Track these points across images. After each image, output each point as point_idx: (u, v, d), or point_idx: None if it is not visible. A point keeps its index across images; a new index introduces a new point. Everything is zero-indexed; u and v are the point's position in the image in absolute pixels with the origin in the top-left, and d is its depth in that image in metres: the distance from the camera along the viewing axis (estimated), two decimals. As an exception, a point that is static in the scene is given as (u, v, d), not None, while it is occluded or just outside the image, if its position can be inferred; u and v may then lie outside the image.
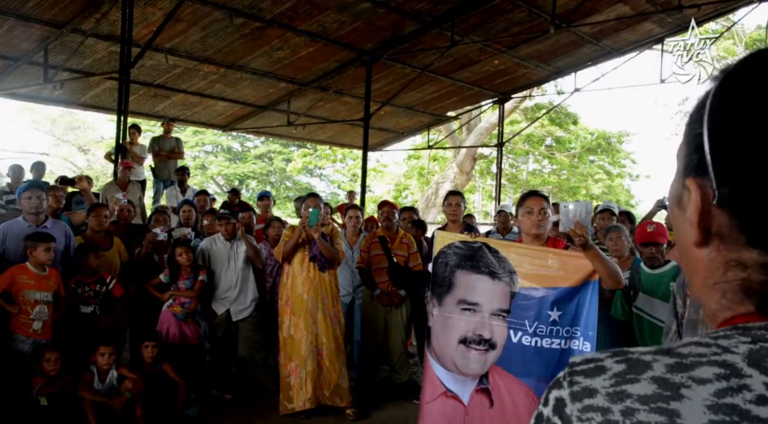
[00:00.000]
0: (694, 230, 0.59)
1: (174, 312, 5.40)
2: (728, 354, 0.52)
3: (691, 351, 0.54)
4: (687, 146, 0.61)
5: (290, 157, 25.26)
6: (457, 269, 3.55)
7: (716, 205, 0.57)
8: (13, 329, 4.61)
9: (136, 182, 8.58)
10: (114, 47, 9.36)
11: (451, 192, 5.93)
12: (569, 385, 0.56)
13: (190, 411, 4.96)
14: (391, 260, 5.78)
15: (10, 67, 9.96)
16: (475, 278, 3.49)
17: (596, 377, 0.55)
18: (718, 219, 0.57)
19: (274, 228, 6.33)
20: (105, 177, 18.81)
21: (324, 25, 10.10)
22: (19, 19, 8.64)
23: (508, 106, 16.01)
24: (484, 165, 22.05)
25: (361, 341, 5.98)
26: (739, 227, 0.56)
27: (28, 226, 5.09)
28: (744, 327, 0.55)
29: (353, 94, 12.96)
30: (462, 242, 3.62)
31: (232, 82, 11.79)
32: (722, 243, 0.58)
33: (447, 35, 10.62)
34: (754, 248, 0.55)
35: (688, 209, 0.60)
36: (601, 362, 0.56)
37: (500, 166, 15.60)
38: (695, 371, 0.52)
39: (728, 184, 0.56)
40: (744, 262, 0.56)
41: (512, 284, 3.42)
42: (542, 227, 3.38)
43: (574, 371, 0.57)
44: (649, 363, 0.54)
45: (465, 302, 3.48)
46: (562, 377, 0.58)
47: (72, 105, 12.19)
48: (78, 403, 4.41)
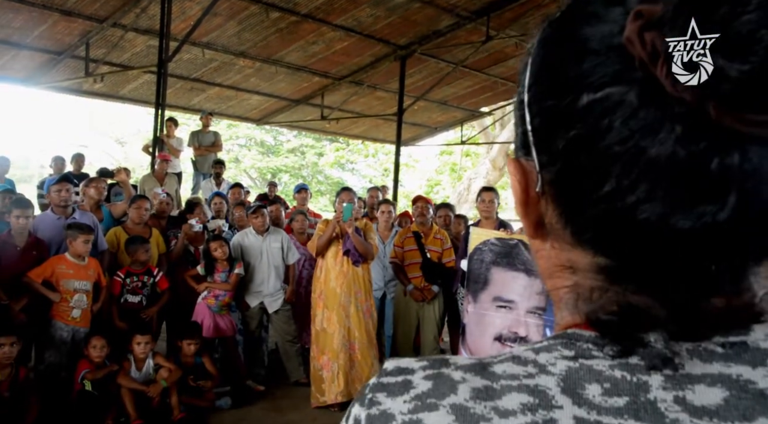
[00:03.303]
0: (523, 222, 0.49)
1: (208, 304, 5.48)
2: (543, 376, 0.43)
3: (505, 370, 0.44)
4: (514, 119, 0.49)
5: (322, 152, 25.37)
6: (493, 265, 3.53)
7: (540, 193, 0.46)
8: (54, 316, 4.74)
9: (172, 175, 8.71)
10: (152, 41, 9.50)
11: (484, 188, 5.88)
12: (369, 404, 0.47)
13: (222, 402, 5.03)
14: (425, 255, 5.77)
15: (53, 61, 10.19)
16: (511, 276, 3.47)
17: (398, 396, 0.45)
18: (548, 209, 0.47)
19: (297, 221, 6.34)
20: (141, 169, 19.15)
21: (359, 20, 10.11)
22: (62, 14, 8.83)
23: (543, 102, 15.82)
24: (518, 161, 21.84)
25: (392, 336, 5.99)
26: (562, 220, 0.45)
27: (57, 218, 5.22)
28: (571, 336, 0.45)
29: (387, 88, 12.95)
30: (498, 238, 3.60)
31: (267, 76, 11.88)
32: (555, 239, 0.47)
33: (482, 30, 10.54)
34: (581, 246, 0.45)
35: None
36: (411, 374, 0.47)
37: (534, 163, 15.43)
38: (501, 400, 0.42)
39: (551, 164, 0.44)
40: (573, 264, 0.46)
41: (548, 282, 3.38)
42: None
43: (380, 383, 0.47)
44: (455, 384, 0.44)
45: (500, 299, 3.46)
46: (367, 388, 0.48)
47: (111, 98, 12.42)
48: (117, 390, 4.50)
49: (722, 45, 0.37)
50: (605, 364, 0.42)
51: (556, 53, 0.44)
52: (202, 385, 4.94)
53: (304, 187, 7.91)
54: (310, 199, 8.06)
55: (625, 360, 0.42)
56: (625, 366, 0.42)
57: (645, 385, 0.41)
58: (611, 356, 0.42)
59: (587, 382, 0.42)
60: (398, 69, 11.64)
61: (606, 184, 0.41)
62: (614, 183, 0.40)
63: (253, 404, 5.14)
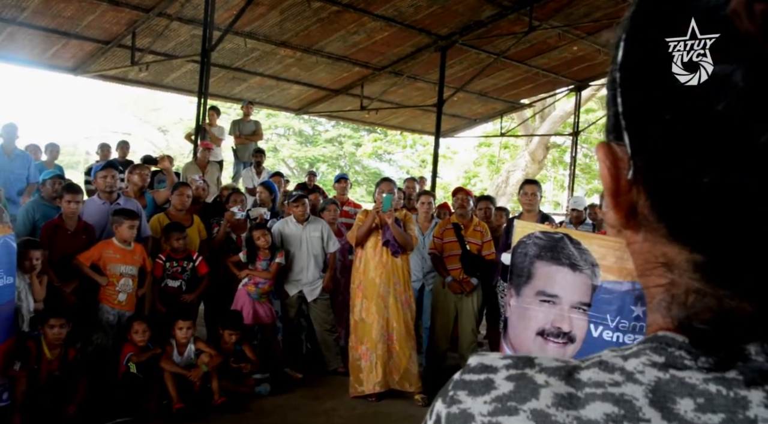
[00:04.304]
0: (613, 212, 0.46)
1: (248, 291, 5.54)
2: (629, 384, 0.40)
3: (591, 377, 0.42)
4: (606, 99, 0.46)
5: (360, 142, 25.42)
6: (537, 259, 3.49)
7: (632, 181, 0.43)
8: (101, 299, 4.86)
9: (214, 163, 8.82)
10: (196, 31, 9.62)
11: (527, 181, 5.81)
12: (450, 402, 0.45)
13: (261, 388, 5.09)
14: (464, 247, 5.73)
15: (100, 50, 10.42)
16: (555, 270, 3.42)
17: (479, 396, 0.44)
18: (640, 199, 0.43)
19: (329, 211, 6.34)
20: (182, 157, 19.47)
21: (400, 10, 10.06)
22: (110, 4, 9.00)
23: (585, 94, 15.57)
24: (557, 154, 21.57)
25: (430, 328, 5.98)
26: (656, 211, 0.42)
27: (102, 203, 5.35)
28: (662, 340, 0.42)
29: (427, 79, 12.89)
30: (542, 232, 3.56)
31: (308, 65, 11.93)
32: (648, 232, 0.43)
33: (525, 20, 10.40)
34: (678, 241, 0.41)
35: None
36: (494, 373, 0.45)
37: (574, 156, 15.22)
38: (585, 410, 0.40)
39: (645, 149, 0.41)
40: (669, 260, 0.42)
41: (594, 277, 3.33)
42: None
43: (462, 380, 0.46)
44: (537, 388, 0.42)
45: (544, 294, 3.42)
46: (450, 385, 0.47)
47: (155, 87, 12.65)
48: (160, 373, 4.60)
49: None
50: (699, 377, 0.39)
51: (652, 28, 0.41)
52: (243, 367, 5.01)
53: (344, 177, 7.92)
54: (349, 189, 8.07)
55: (721, 374, 0.39)
56: (721, 380, 0.39)
57: (743, 401, 0.38)
58: (706, 369, 0.40)
59: (679, 395, 0.39)
60: (438, 60, 11.57)
61: (707, 172, 0.38)
62: (717, 172, 0.37)
63: (292, 391, 5.19)
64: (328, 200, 6.72)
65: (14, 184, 6.58)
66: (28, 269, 4.35)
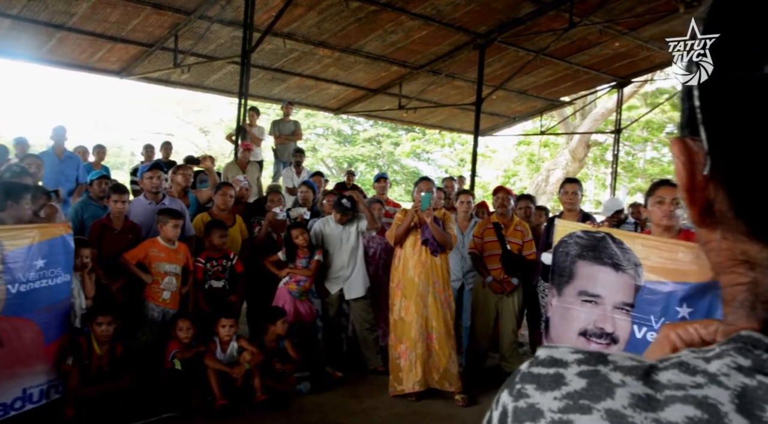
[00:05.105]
0: (688, 209, 0.45)
1: (290, 290, 5.60)
2: (713, 387, 0.39)
3: (671, 379, 0.40)
4: (680, 93, 0.45)
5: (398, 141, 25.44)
6: (579, 259, 3.44)
7: (708, 177, 0.41)
8: (146, 297, 4.98)
9: (254, 163, 8.94)
10: (236, 32, 9.76)
11: (567, 179, 5.74)
12: (517, 396, 0.44)
13: (302, 386, 5.14)
14: (505, 247, 5.69)
15: (144, 53, 10.66)
16: (597, 269, 3.37)
17: (548, 391, 0.42)
18: (718, 195, 0.42)
19: (374, 210, 6.37)
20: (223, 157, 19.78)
21: (438, 8, 10.03)
22: (154, 8, 9.21)
23: (627, 91, 15.27)
24: (598, 152, 21.22)
25: (470, 328, 5.95)
26: (735, 208, 0.41)
27: (148, 203, 5.47)
28: (747, 341, 0.40)
29: (465, 78, 12.82)
30: (584, 231, 3.51)
31: (346, 65, 11.99)
32: (727, 230, 0.42)
33: (565, 17, 10.24)
34: (759, 238, 0.40)
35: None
36: (564, 367, 0.43)
37: (616, 154, 14.94)
38: (664, 412, 0.38)
39: (723, 144, 0.40)
40: (750, 257, 0.41)
41: (637, 277, 3.27)
42: (674, 218, 3.21)
43: (530, 373, 0.44)
44: (613, 387, 0.41)
45: (586, 294, 3.37)
46: (518, 377, 0.46)
47: (197, 88, 12.88)
48: (203, 370, 4.68)
49: None
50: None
51: (734, 19, 0.40)
52: (285, 368, 5.07)
53: (384, 176, 7.93)
54: (389, 188, 8.08)
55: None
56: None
57: None
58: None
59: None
60: (477, 58, 11.49)
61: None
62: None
63: (332, 389, 5.22)
64: (372, 199, 6.75)
65: (65, 184, 6.79)
66: (79, 266, 4.49)
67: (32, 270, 3.96)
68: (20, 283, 3.89)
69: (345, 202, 5.71)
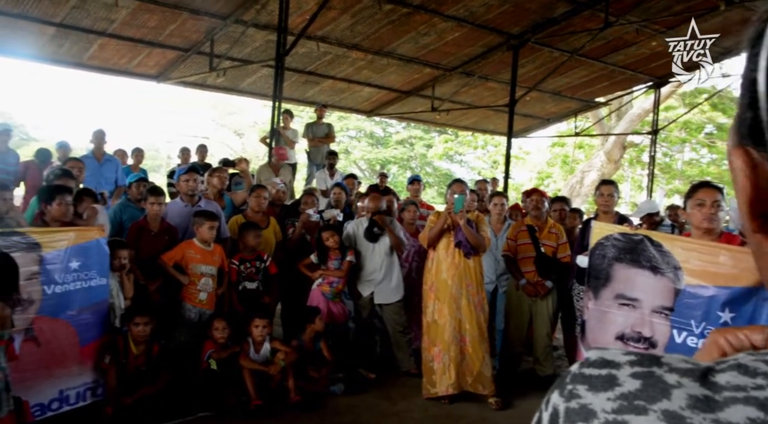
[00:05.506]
0: (746, 218, 0.44)
1: (323, 291, 5.64)
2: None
3: (729, 381, 0.40)
4: (740, 99, 0.43)
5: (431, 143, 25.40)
6: (616, 261, 3.39)
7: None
8: (183, 298, 5.06)
9: (287, 165, 9.02)
10: (271, 36, 9.88)
11: (603, 181, 5.66)
12: (568, 396, 0.44)
13: (335, 388, 5.16)
14: (539, 249, 5.63)
15: (181, 58, 10.85)
16: (635, 272, 3.32)
17: (601, 392, 0.42)
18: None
19: (409, 212, 6.36)
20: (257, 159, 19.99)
21: (471, 9, 9.99)
22: (191, 13, 9.36)
23: (664, 91, 14.98)
24: (635, 154, 20.88)
25: (504, 331, 5.90)
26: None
27: (184, 205, 5.56)
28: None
29: (498, 79, 12.74)
30: (621, 234, 3.45)
31: (379, 68, 12.02)
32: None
33: (600, 16, 10.10)
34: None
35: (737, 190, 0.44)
36: (617, 369, 0.44)
37: (653, 155, 14.66)
38: (724, 413, 0.38)
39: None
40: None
41: (677, 281, 3.20)
42: (715, 220, 3.14)
43: (581, 374, 0.45)
44: (668, 388, 0.41)
45: (623, 297, 3.31)
46: (568, 378, 0.45)
47: (232, 91, 13.05)
48: (238, 370, 4.74)
49: None
50: None
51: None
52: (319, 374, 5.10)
53: (417, 178, 7.92)
54: (422, 190, 8.07)
55: None
56: None
57: None
58: None
59: None
60: (510, 59, 11.42)
61: None
62: None
63: (365, 391, 5.23)
64: (408, 201, 6.75)
65: (104, 187, 6.92)
66: (117, 267, 4.58)
67: (67, 272, 4.04)
68: (56, 284, 3.98)
69: (376, 230, 5.74)
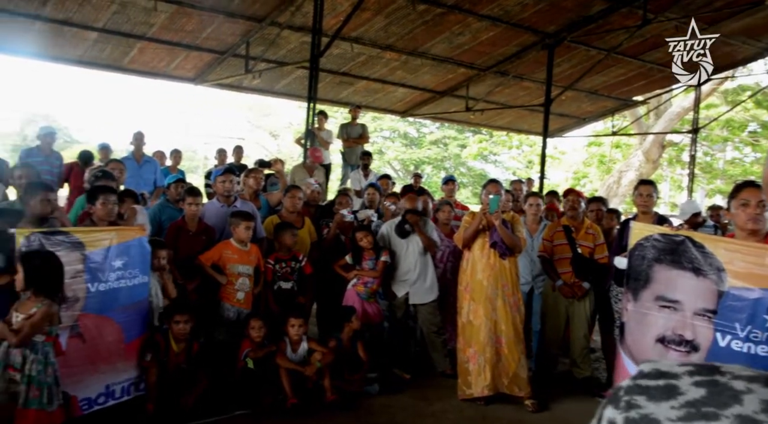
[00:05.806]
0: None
1: (358, 291, 5.66)
2: None
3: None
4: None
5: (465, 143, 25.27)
6: (656, 263, 3.32)
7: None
8: (222, 298, 5.13)
9: (320, 166, 9.08)
10: (305, 38, 9.95)
11: (642, 181, 5.55)
12: (626, 407, 0.44)
13: (371, 388, 5.17)
14: (575, 250, 5.56)
15: (217, 61, 11.01)
16: (676, 274, 3.24)
17: (663, 401, 0.42)
18: None
19: (444, 212, 6.34)
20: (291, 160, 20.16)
21: (506, 9, 9.92)
22: (227, 16, 9.50)
23: (705, 89, 14.61)
24: (674, 153, 20.45)
25: (540, 332, 5.84)
26: None
27: (221, 206, 5.64)
28: None
29: (533, 78, 12.62)
30: (661, 234, 3.38)
31: (413, 68, 12.01)
32: None
33: (638, 13, 9.94)
34: None
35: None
36: (676, 379, 0.44)
37: (693, 155, 14.32)
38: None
39: None
40: None
41: (720, 283, 3.12)
42: (760, 221, 3.05)
43: (638, 385, 0.45)
44: (738, 394, 0.41)
45: (664, 299, 3.24)
46: (622, 390, 0.45)
47: (267, 93, 13.20)
48: (275, 369, 4.78)
49: None
50: None
51: None
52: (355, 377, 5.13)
53: (452, 179, 7.89)
54: (457, 191, 8.04)
55: None
56: None
57: None
58: None
59: None
60: (545, 58, 11.30)
61: None
62: None
63: (401, 391, 5.22)
64: (443, 201, 6.73)
65: (144, 188, 7.06)
66: (156, 267, 4.66)
67: (111, 270, 4.14)
68: (99, 282, 4.07)
69: (407, 227, 5.73)
